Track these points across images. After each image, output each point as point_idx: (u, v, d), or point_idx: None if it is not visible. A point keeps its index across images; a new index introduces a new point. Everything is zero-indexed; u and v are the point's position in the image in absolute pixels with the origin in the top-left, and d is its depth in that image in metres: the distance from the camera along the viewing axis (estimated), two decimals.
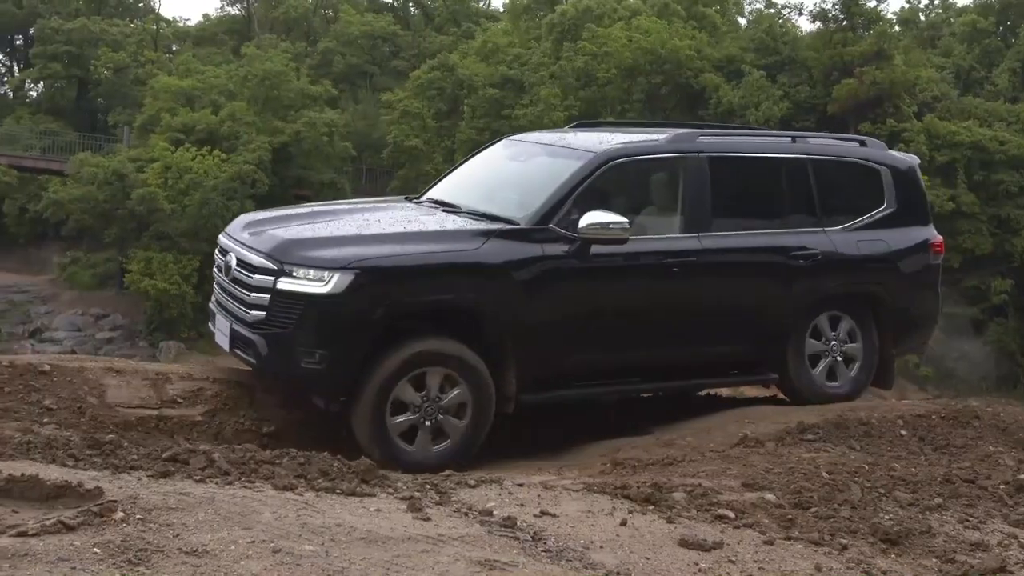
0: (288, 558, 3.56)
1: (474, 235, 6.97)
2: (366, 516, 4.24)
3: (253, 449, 4.98)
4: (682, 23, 45.27)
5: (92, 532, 3.51)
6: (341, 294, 6.41)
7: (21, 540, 3.35)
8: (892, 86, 39.83)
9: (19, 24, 61.66)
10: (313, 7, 62.73)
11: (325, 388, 6.72)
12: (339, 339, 6.51)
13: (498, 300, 6.84)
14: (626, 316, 7.41)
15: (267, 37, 55.74)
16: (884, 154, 8.65)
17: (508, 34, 52.21)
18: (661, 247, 7.54)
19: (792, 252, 7.87)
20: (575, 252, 7.02)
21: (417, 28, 60.98)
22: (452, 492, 4.87)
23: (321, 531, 3.91)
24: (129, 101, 52.77)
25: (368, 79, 55.95)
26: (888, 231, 8.33)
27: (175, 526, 3.70)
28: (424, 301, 6.83)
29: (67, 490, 3.88)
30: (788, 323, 7.86)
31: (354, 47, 56.30)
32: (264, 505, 4.14)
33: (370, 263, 6.57)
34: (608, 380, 7.55)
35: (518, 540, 4.23)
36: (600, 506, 4.92)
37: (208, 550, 3.52)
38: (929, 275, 8.63)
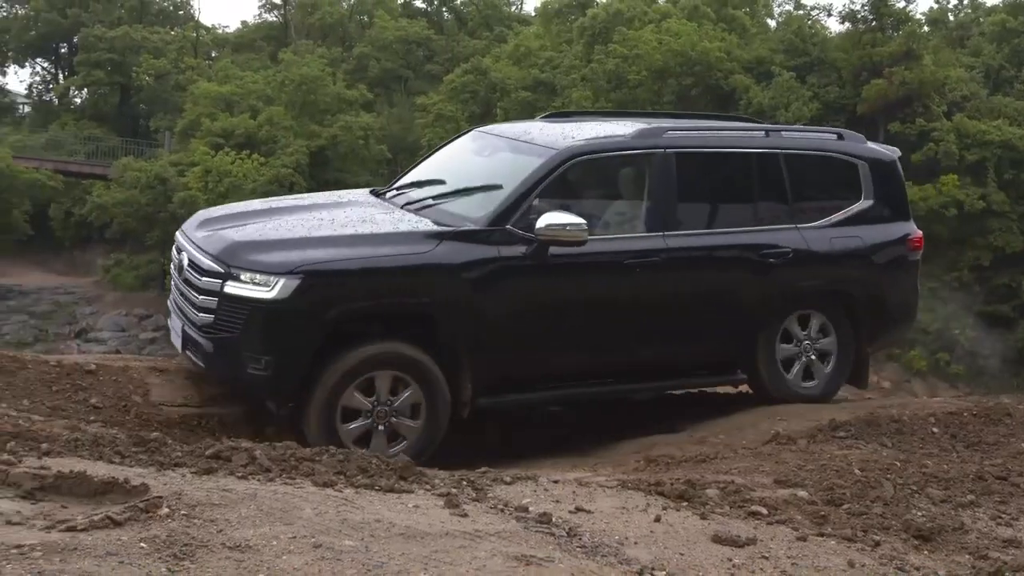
0: (329, 553, 3.57)
1: (427, 237, 6.71)
2: (404, 512, 4.24)
3: (294, 446, 5.00)
4: (712, 25, 45.08)
5: (138, 527, 3.53)
6: (286, 299, 6.21)
7: (70, 535, 3.38)
8: (921, 86, 39.45)
9: (64, 33, 62.26)
10: (348, 13, 62.94)
11: (271, 394, 6.57)
12: (285, 345, 6.31)
13: (451, 304, 6.61)
14: (587, 319, 7.13)
15: (304, 43, 55.98)
16: (862, 147, 8.29)
17: (540, 37, 52.21)
18: (623, 247, 7.26)
19: (762, 251, 7.61)
20: (532, 254, 6.75)
21: (450, 32, 61.03)
22: (488, 489, 4.88)
23: (361, 527, 3.92)
24: (170, 107, 53.20)
25: (403, 83, 56.08)
26: (864, 227, 8.03)
27: (218, 521, 3.72)
28: (372, 306, 6.57)
29: (114, 486, 3.90)
30: (758, 323, 7.62)
31: (389, 52, 56.44)
32: (305, 501, 4.15)
33: (315, 268, 6.35)
34: (569, 384, 7.33)
35: (554, 536, 4.22)
36: (634, 502, 4.90)
37: (251, 545, 3.54)
38: (906, 271, 8.35)
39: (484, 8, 62.67)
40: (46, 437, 4.57)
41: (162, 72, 55.42)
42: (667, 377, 7.76)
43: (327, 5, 61.43)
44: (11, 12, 64.01)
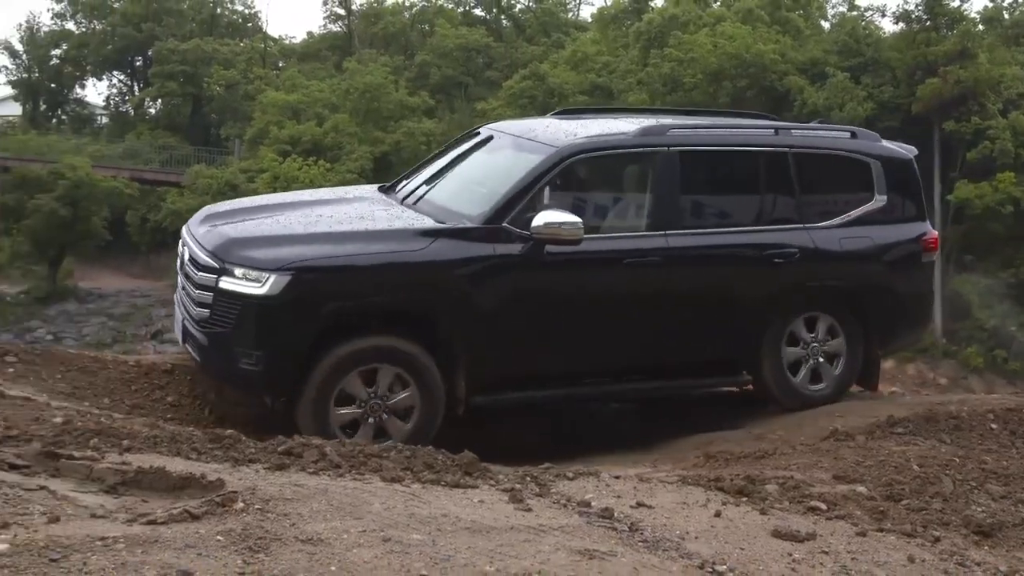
0: (397, 546, 3.59)
1: (421, 235, 6.56)
2: (470, 507, 4.25)
3: (362, 443, 5.04)
4: (766, 28, 44.65)
5: (215, 521, 3.58)
6: (277, 295, 6.11)
7: (151, 528, 3.43)
8: (976, 84, 38.73)
9: (139, 47, 63.33)
10: (410, 22, 63.24)
11: (263, 389, 6.51)
12: (276, 341, 6.22)
13: (445, 302, 6.48)
14: (586, 318, 6.93)
15: (367, 52, 56.38)
16: (875, 146, 7.89)
17: (597, 43, 52.10)
18: (622, 246, 7.03)
19: (767, 251, 7.31)
20: (528, 252, 6.58)
21: (509, 40, 61.07)
22: (551, 484, 4.87)
23: (428, 521, 3.93)
24: (240, 116, 53.90)
25: (463, 89, 56.23)
26: (876, 227, 7.67)
27: (291, 516, 3.76)
28: (364, 303, 6.43)
29: (191, 481, 3.96)
30: (763, 325, 7.31)
31: (449, 59, 56.62)
32: (374, 496, 4.18)
33: (307, 264, 6.25)
34: (567, 383, 7.09)
35: (615, 530, 4.21)
36: (694, 498, 4.87)
37: (322, 538, 3.56)
38: (921, 272, 8.01)
39: (542, 15, 62.64)
40: (127, 434, 4.65)
41: (232, 82, 56.16)
42: (669, 378, 7.45)
43: (390, 15, 61.85)
44: (90, 27, 65.24)
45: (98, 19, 64.70)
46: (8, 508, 3.43)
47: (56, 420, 4.74)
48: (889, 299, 7.68)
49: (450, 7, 64.99)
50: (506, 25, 64.88)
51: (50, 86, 66.08)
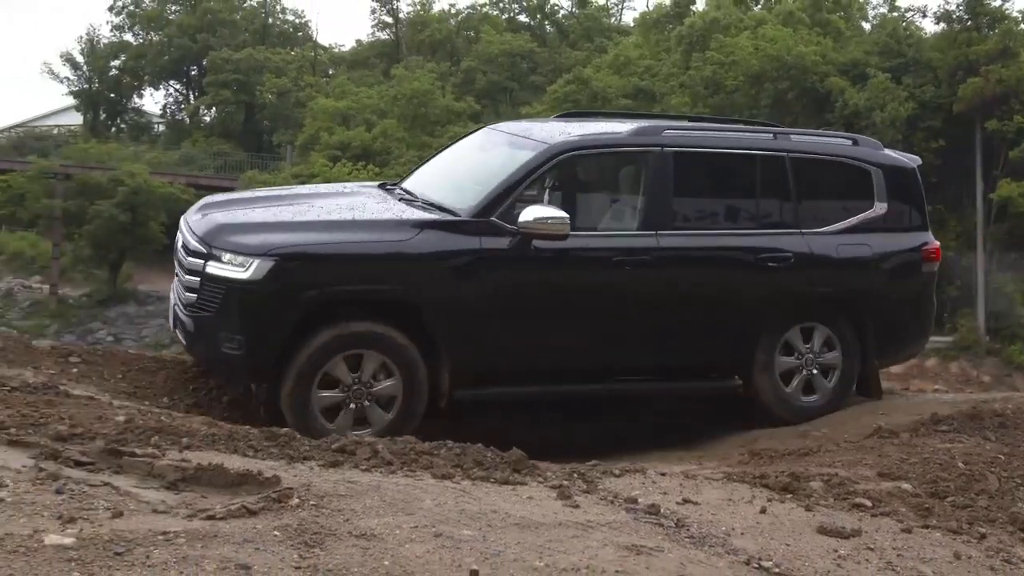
0: (449, 542, 3.60)
1: (408, 225, 6.49)
2: (519, 503, 4.25)
3: (413, 441, 5.05)
4: (807, 30, 44.23)
5: (272, 516, 3.61)
6: (260, 280, 6.06)
7: (210, 523, 3.47)
8: (1018, 83, 38.05)
9: (194, 57, 64.02)
10: (456, 29, 63.39)
11: (244, 373, 6.49)
12: (258, 325, 6.16)
13: (430, 293, 6.35)
14: (572, 316, 6.77)
15: (414, 59, 56.60)
16: (877, 154, 7.68)
17: (639, 47, 51.90)
18: (612, 244, 6.89)
19: (761, 254, 7.10)
20: (515, 247, 6.45)
21: (553, 45, 61.03)
22: (598, 481, 4.86)
23: (478, 517, 3.94)
24: (291, 122, 54.30)
25: (508, 94, 56.26)
26: (875, 235, 7.44)
27: (345, 511, 3.78)
28: (347, 291, 6.32)
29: (248, 478, 3.99)
30: (755, 330, 7.11)
31: (494, 65, 56.69)
32: (425, 492, 4.19)
33: (291, 250, 6.19)
34: (552, 381, 6.91)
35: (662, 526, 4.19)
36: (740, 494, 4.84)
37: (376, 534, 3.58)
38: (920, 283, 7.70)
39: (585, 20, 62.58)
40: (186, 432, 4.69)
41: (283, 90, 56.60)
42: (659, 380, 7.21)
43: (436, 22, 62.05)
44: (147, 39, 66.05)
45: (155, 31, 65.49)
46: (74, 503, 3.48)
47: (118, 419, 4.79)
48: (887, 309, 7.44)
49: (495, 14, 65.08)
50: (550, 31, 64.85)
51: (109, 96, 66.95)
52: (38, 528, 3.20)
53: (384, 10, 65.09)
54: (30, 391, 5.08)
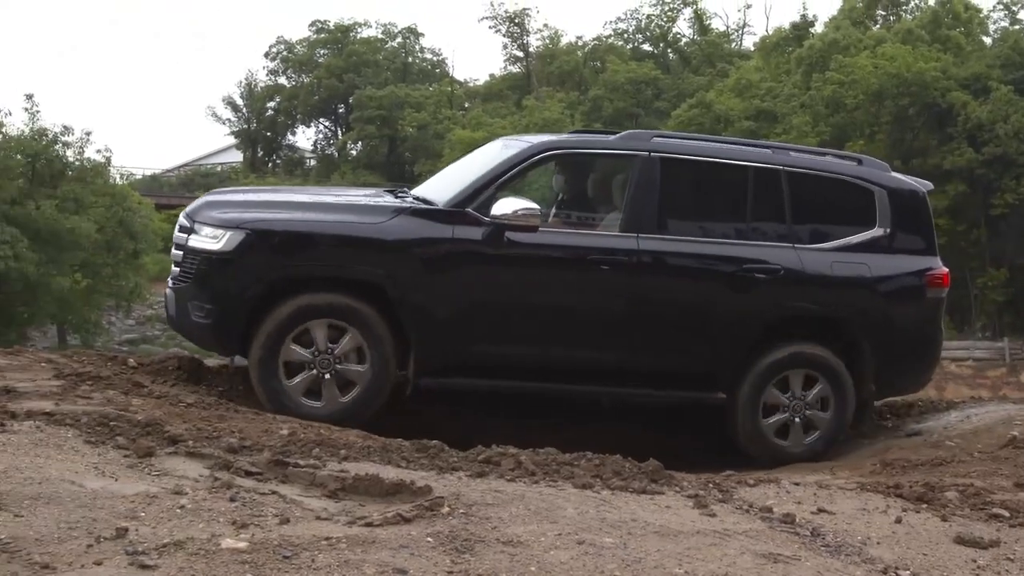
0: (591, 549, 3.58)
1: (384, 210, 6.32)
2: (657, 512, 4.21)
3: (554, 452, 5.05)
4: (926, 47, 42.85)
5: (425, 524, 3.65)
6: (231, 252, 5.97)
7: (368, 529, 3.53)
8: None
9: (341, 96, 65.80)
10: (583, 60, 63.50)
11: (212, 342, 6.39)
12: (226, 296, 6.03)
13: (399, 277, 6.09)
14: (544, 311, 6.40)
15: (544, 90, 56.95)
16: (882, 175, 7.08)
17: (760, 70, 51.10)
18: (589, 243, 6.55)
19: (747, 264, 6.58)
20: (487, 238, 6.17)
21: (676, 71, 60.55)
22: (733, 491, 4.78)
23: (618, 525, 3.91)
24: (431, 153, 55.17)
25: (634, 120, 56.03)
26: (875, 255, 6.82)
27: (492, 519, 3.80)
28: (316, 266, 6.14)
29: (402, 487, 4.05)
30: (741, 344, 6.59)
31: (620, 92, 56.54)
32: (567, 501, 4.18)
33: (262, 225, 6.08)
34: (521, 376, 6.44)
35: (798, 535, 4.09)
36: (874, 504, 4.69)
37: (522, 541, 3.59)
38: (923, 309, 7.00)
39: (706, 47, 61.91)
40: (344, 444, 4.80)
41: (423, 123, 57.62)
42: (633, 384, 6.63)
43: (564, 55, 62.32)
44: (298, 81, 68.20)
45: (306, 73, 67.57)
46: (246, 510, 3.58)
47: (283, 432, 4.93)
48: (886, 333, 6.81)
49: (620, 44, 64.95)
50: (672, 58, 64.36)
51: (266, 135, 69.31)
52: (215, 533, 3.31)
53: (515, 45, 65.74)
54: (203, 407, 5.26)
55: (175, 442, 4.35)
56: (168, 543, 3.16)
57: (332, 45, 67.40)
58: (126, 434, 4.35)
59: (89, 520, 3.29)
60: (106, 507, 3.42)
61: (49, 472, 3.70)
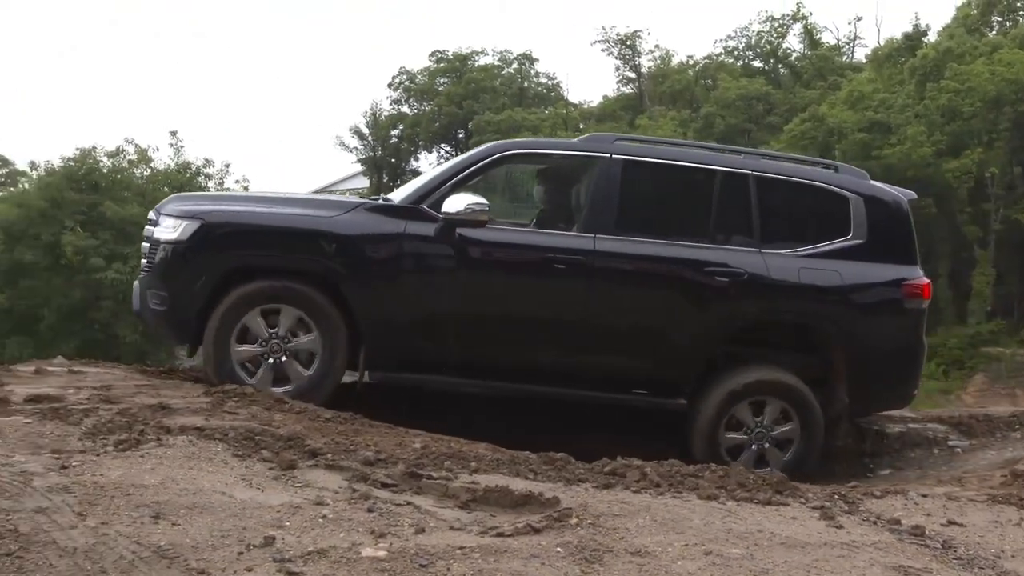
0: (718, 559, 3.52)
1: (339, 206, 6.30)
2: (783, 523, 4.11)
3: (678, 464, 4.98)
4: None
5: (554, 534, 3.64)
6: (185, 241, 6.00)
7: (500, 539, 3.54)
8: None
9: (461, 122, 66.54)
10: (694, 79, 62.88)
11: (166, 328, 6.38)
12: (180, 283, 6.05)
13: (346, 269, 6.02)
14: (495, 310, 6.21)
15: (657, 109, 56.59)
16: (859, 183, 6.71)
17: (872, 81, 49.65)
18: (544, 242, 6.27)
19: (708, 267, 6.25)
20: (438, 234, 6.05)
21: (787, 86, 59.39)
22: (859, 502, 4.64)
23: (745, 536, 3.83)
24: None
25: (746, 136, 55.20)
26: (848, 263, 6.42)
27: (620, 530, 3.77)
28: (267, 256, 6.08)
29: (531, 499, 4.05)
30: (701, 347, 6.29)
31: (732, 109, 55.75)
32: (693, 512, 4.13)
33: (216, 216, 6.13)
34: (472, 375, 6.24)
35: (928, 548, 3.94)
36: (1007, 516, 4.50)
37: (649, 551, 3.55)
38: (900, 320, 6.56)
39: (817, 61, 60.55)
40: (474, 457, 4.82)
41: None
42: (589, 387, 6.32)
43: (676, 74, 61.83)
44: (420, 109, 69.42)
45: (427, 101, 68.68)
46: (383, 520, 3.64)
47: (415, 445, 4.99)
48: (858, 344, 6.41)
49: (730, 62, 64.15)
50: (783, 73, 63.19)
51: (391, 161, 70.57)
52: (355, 542, 3.36)
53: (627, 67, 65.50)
54: (340, 421, 5.36)
55: (315, 455, 4.44)
56: (312, 551, 3.23)
57: (451, 74, 68.35)
58: (270, 448, 4.46)
59: (239, 528, 3.38)
60: (254, 516, 3.52)
61: (202, 483, 3.82)
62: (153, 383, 5.75)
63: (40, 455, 3.99)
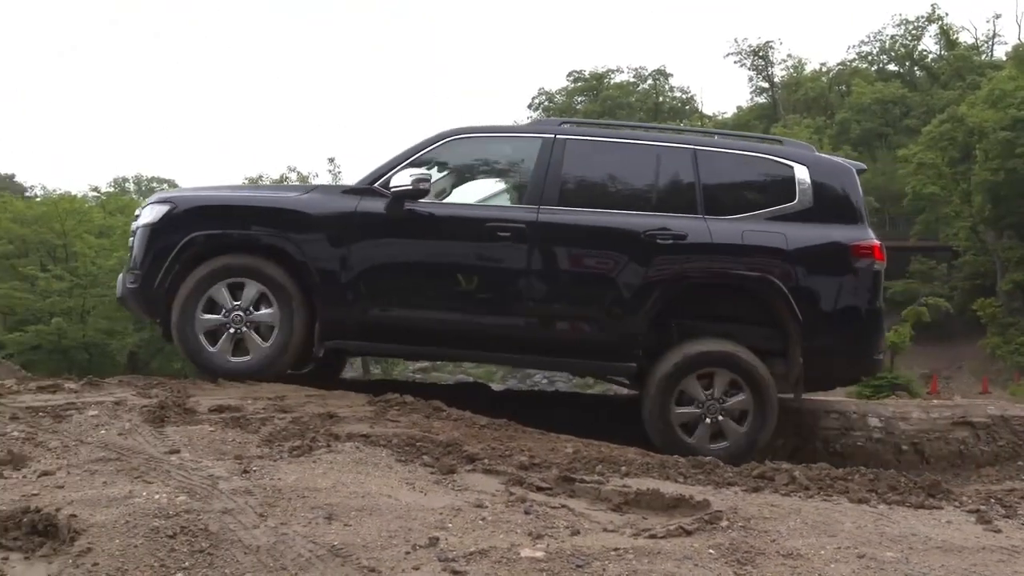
0: (873, 563, 3.39)
1: (301, 189, 6.66)
2: (937, 527, 3.93)
3: (827, 467, 4.83)
4: None
5: (705, 536, 3.58)
6: (156, 223, 6.37)
7: (652, 541, 3.50)
8: None
9: None
10: (828, 86, 61.16)
11: (138, 306, 6.56)
12: (152, 260, 6.34)
13: (303, 243, 6.22)
14: (442, 278, 6.23)
15: (791, 117, 55.20)
16: (803, 153, 6.54)
17: (1014, 79, 47.13)
18: (489, 215, 6.38)
19: (650, 231, 6.14)
20: (389, 208, 6.22)
21: (923, 88, 57.11)
22: (1017, 506, 4.39)
23: (898, 539, 3.68)
24: None
25: (883, 139, 53.26)
26: (793, 225, 6.22)
27: (771, 532, 3.68)
28: (230, 235, 6.33)
29: (681, 502, 4.00)
30: (645, 310, 6.12)
31: (867, 113, 53.98)
32: (844, 515, 3.99)
33: (186, 200, 6.51)
34: (423, 342, 6.37)
35: None
36: None
37: (801, 554, 3.45)
38: (850, 280, 6.22)
39: (955, 61, 57.98)
40: (624, 461, 4.79)
41: None
42: (538, 352, 6.35)
43: (809, 82, 60.30)
44: None
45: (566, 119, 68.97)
46: (540, 523, 3.65)
47: (567, 450, 4.99)
48: (807, 304, 6.12)
49: (864, 67, 62.08)
50: (919, 75, 60.78)
51: None
52: (514, 543, 3.39)
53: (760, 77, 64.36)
54: (495, 428, 5.41)
55: (473, 460, 4.50)
56: (474, 551, 3.27)
57: (588, 92, 68.51)
58: (431, 453, 4.54)
59: (405, 529, 3.45)
60: (418, 518, 3.59)
61: (369, 487, 3.93)
62: (321, 394, 5.93)
63: (224, 460, 4.18)
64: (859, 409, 7.19)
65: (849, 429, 6.94)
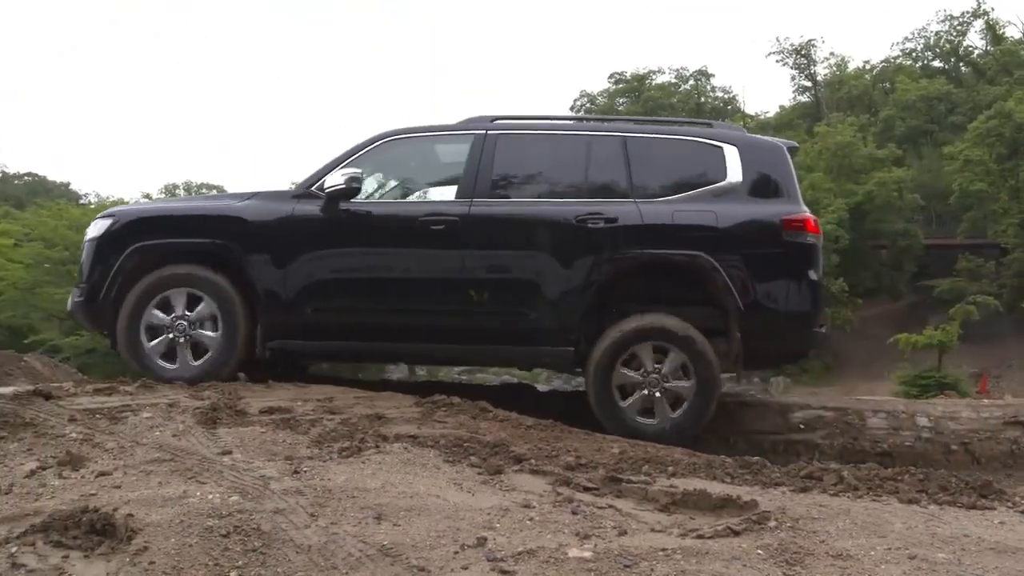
0: (924, 564, 3.33)
1: (241, 197, 6.64)
2: (990, 528, 3.85)
3: (875, 467, 4.76)
4: None
5: (753, 537, 3.54)
6: (100, 236, 6.51)
7: (700, 541, 3.47)
8: None
9: None
10: (872, 83, 60.32)
11: (85, 319, 6.63)
12: (97, 274, 6.45)
13: (246, 250, 6.34)
14: (379, 274, 6.39)
15: (835, 115, 54.50)
16: (732, 134, 6.62)
17: None
18: (422, 210, 6.48)
19: (580, 217, 6.22)
20: (323, 209, 6.36)
21: (969, 84, 56.07)
22: None
23: (950, 540, 3.61)
24: None
25: (929, 137, 52.42)
26: (724, 204, 6.25)
27: (819, 533, 3.63)
28: (171, 244, 6.46)
29: (729, 502, 3.96)
30: (579, 294, 6.19)
31: (912, 111, 53.16)
32: (894, 516, 3.93)
33: (128, 213, 6.72)
34: (364, 337, 6.42)
35: None
36: None
37: (850, 554, 3.40)
38: (781, 253, 6.23)
39: (1001, 56, 56.82)
40: (671, 461, 4.76)
41: None
42: (475, 342, 6.38)
43: (852, 80, 59.49)
44: None
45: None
46: (587, 523, 3.64)
47: (614, 450, 4.97)
48: (739, 278, 6.13)
49: (908, 64, 61.16)
50: (965, 71, 59.71)
51: None
52: (562, 543, 3.38)
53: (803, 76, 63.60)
54: (541, 428, 5.41)
55: (519, 460, 4.49)
56: (522, 551, 3.26)
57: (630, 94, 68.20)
58: (478, 454, 4.55)
59: (454, 529, 3.46)
60: (466, 518, 3.59)
61: (418, 487, 3.94)
62: (369, 395, 5.96)
63: (275, 461, 4.22)
64: (908, 409, 7.09)
65: (898, 429, 6.83)
